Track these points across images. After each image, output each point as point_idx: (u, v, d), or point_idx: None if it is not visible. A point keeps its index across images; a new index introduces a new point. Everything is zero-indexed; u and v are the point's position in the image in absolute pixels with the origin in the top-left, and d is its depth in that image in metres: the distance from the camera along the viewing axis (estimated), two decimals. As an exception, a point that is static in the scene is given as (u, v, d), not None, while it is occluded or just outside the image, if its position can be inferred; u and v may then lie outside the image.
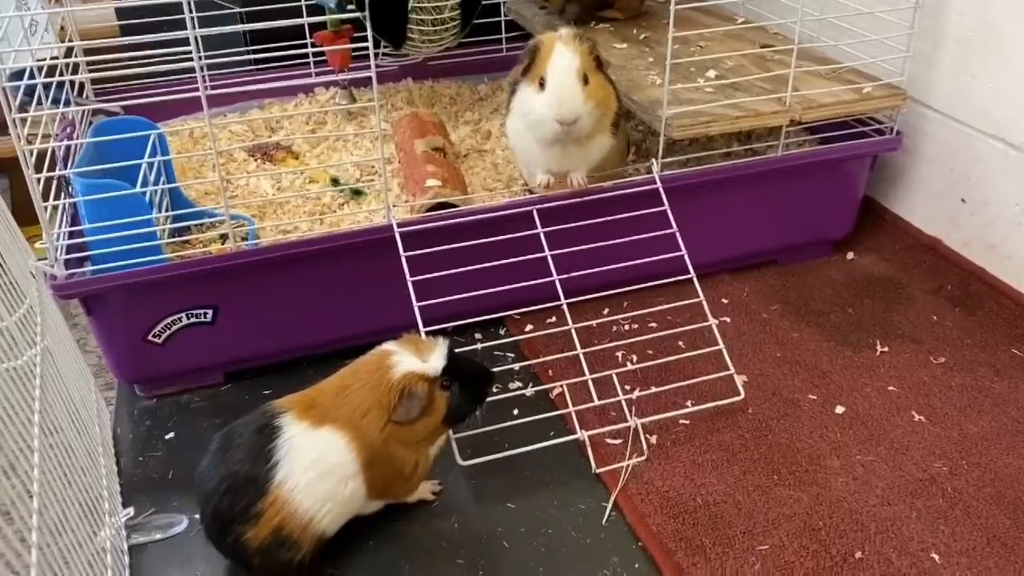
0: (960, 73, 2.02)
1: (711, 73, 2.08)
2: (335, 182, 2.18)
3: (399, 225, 1.76)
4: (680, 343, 1.88)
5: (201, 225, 2.00)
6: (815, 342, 1.91)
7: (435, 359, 1.37)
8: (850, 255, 2.20)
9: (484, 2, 2.35)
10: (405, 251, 1.72)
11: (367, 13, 1.68)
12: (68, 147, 1.80)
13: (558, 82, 1.71)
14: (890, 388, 1.76)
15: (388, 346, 1.42)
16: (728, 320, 1.98)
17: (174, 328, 1.74)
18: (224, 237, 1.88)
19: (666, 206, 1.85)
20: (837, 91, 1.97)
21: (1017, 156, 1.91)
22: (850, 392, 1.76)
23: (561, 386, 1.71)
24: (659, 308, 1.88)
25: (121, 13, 2.84)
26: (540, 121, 1.75)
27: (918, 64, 2.05)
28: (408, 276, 1.69)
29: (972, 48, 1.98)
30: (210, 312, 1.75)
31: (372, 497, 1.41)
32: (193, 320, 1.74)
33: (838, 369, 1.82)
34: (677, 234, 1.82)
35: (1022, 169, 1.90)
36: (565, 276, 1.75)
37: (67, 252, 1.65)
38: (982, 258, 2.04)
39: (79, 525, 1.25)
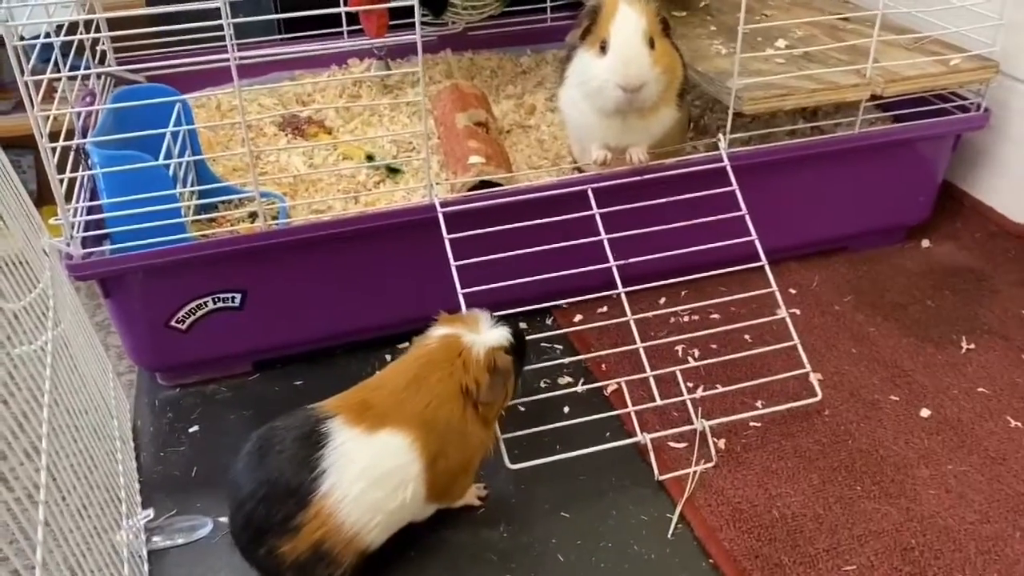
0: (1059, 44, 1.83)
1: (780, 43, 1.90)
2: (370, 159, 2.04)
3: (442, 205, 1.61)
4: (747, 337, 1.72)
5: (229, 203, 1.86)
6: (893, 337, 1.74)
7: (496, 329, 1.32)
8: (925, 243, 2.03)
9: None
10: (449, 233, 1.57)
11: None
12: (87, 116, 1.67)
13: (623, 44, 1.56)
14: (979, 389, 1.60)
15: (445, 330, 1.32)
16: (798, 312, 1.82)
17: (199, 313, 1.61)
18: (253, 216, 1.74)
19: (734, 186, 1.69)
20: (921, 63, 1.80)
21: (1126, 136, 1.73)
22: (935, 393, 1.60)
23: (618, 383, 1.56)
24: (722, 299, 1.73)
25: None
26: (601, 88, 1.59)
27: (1013, 34, 1.86)
28: (452, 260, 1.54)
29: (1072, 16, 1.79)
30: (238, 296, 1.61)
31: (431, 499, 1.30)
32: (220, 305, 1.61)
33: (920, 367, 1.66)
34: (747, 217, 1.66)
35: None
36: (622, 263, 1.59)
37: (84, 229, 1.52)
38: (1079, 248, 1.86)
39: (93, 529, 1.13)
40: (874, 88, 1.74)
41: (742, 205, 1.67)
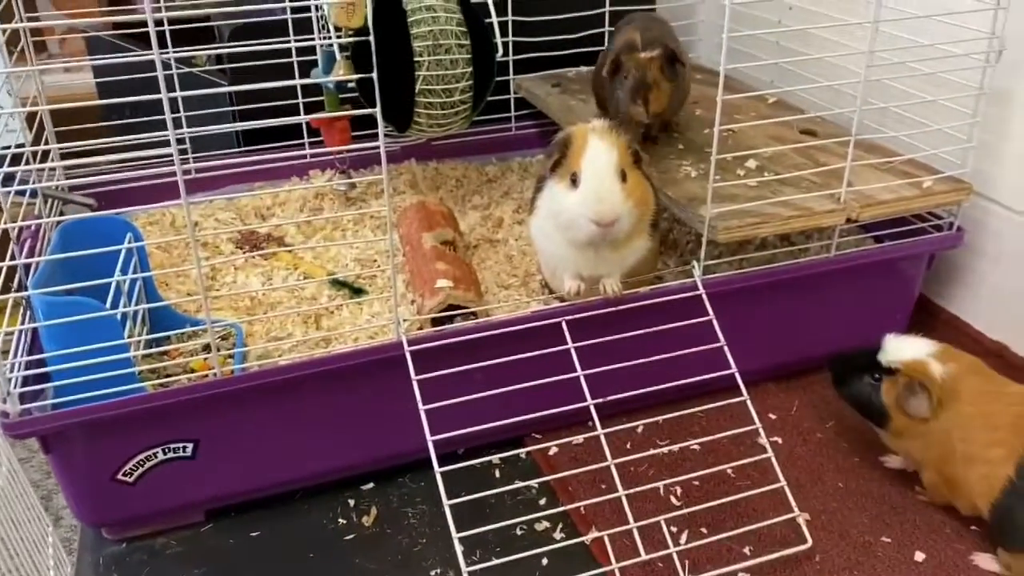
0: (1031, 165, 1.83)
1: (751, 163, 1.88)
2: (335, 281, 1.96)
3: (410, 343, 1.53)
4: (730, 472, 1.65)
5: (182, 333, 1.77)
6: (880, 468, 1.68)
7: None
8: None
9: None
10: (417, 374, 1.49)
11: (373, 96, 1.47)
12: (30, 254, 1.57)
13: (595, 178, 1.51)
14: (974, 528, 1.54)
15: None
16: (779, 441, 1.75)
17: (148, 465, 1.49)
18: (207, 347, 1.65)
19: (711, 315, 1.64)
20: (895, 186, 1.78)
21: (1102, 260, 1.71)
22: (928, 533, 1.53)
23: (602, 536, 1.46)
24: (704, 430, 1.66)
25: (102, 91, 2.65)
26: (574, 221, 1.54)
27: (983, 155, 1.86)
28: (421, 404, 1.46)
29: (1042, 138, 1.79)
30: (190, 446, 1.51)
31: None
32: (171, 455, 1.50)
33: (911, 504, 1.60)
34: (725, 348, 1.61)
35: (1108, 274, 1.71)
36: (600, 401, 1.52)
37: (23, 382, 1.41)
38: (1059, 369, 1.83)
39: None
40: (849, 213, 1.71)
41: (720, 336, 1.61)
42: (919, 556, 1.48)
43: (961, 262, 2.01)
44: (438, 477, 1.40)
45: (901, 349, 1.51)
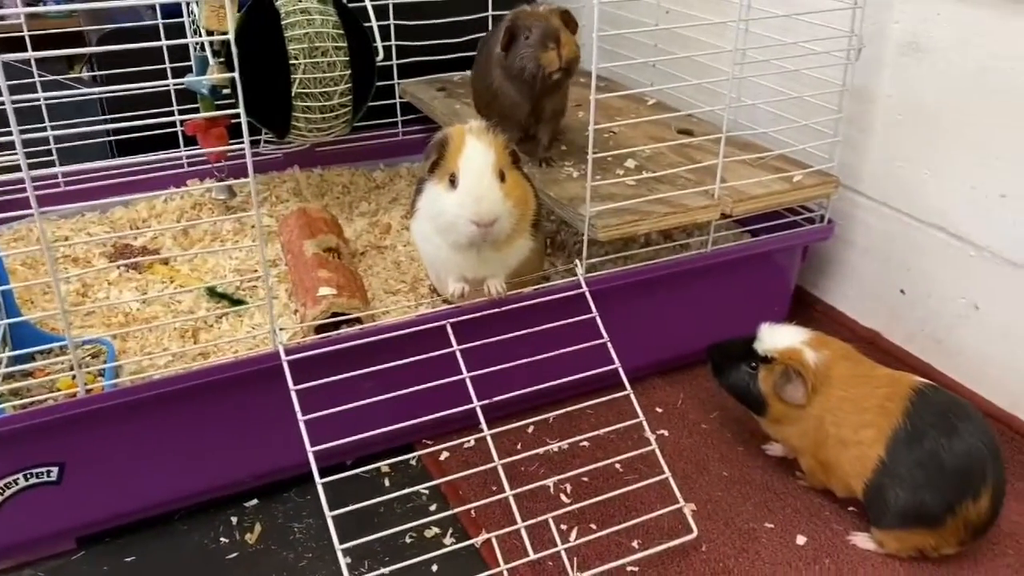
0: (893, 159, 1.91)
1: (630, 163, 1.91)
2: (212, 292, 1.89)
3: (288, 352, 1.49)
4: (618, 467, 1.66)
5: (48, 352, 1.67)
6: (763, 457, 1.72)
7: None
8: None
9: (378, 84, 2.13)
10: (295, 384, 1.45)
11: (243, 102, 1.43)
12: None
13: (473, 178, 1.50)
14: (852, 508, 1.59)
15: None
16: (666, 433, 1.78)
17: (8, 493, 1.40)
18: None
19: (594, 312, 1.65)
20: (767, 181, 1.83)
21: (961, 246, 1.80)
22: (808, 517, 1.58)
23: (490, 538, 1.45)
24: (592, 426, 1.66)
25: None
26: (453, 223, 1.53)
27: (849, 150, 1.94)
28: (300, 415, 1.41)
29: (904, 132, 1.88)
30: (55, 470, 1.42)
31: None
32: (34, 481, 1.41)
33: (792, 489, 1.64)
34: (609, 344, 1.62)
35: (967, 260, 1.79)
36: (486, 402, 1.51)
37: None
38: (928, 354, 1.91)
39: None
40: (723, 208, 1.75)
41: (603, 333, 1.62)
42: (800, 540, 1.52)
43: (833, 253, 2.09)
44: (319, 488, 1.36)
45: (775, 338, 1.56)
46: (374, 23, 2.04)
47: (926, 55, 1.79)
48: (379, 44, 2.08)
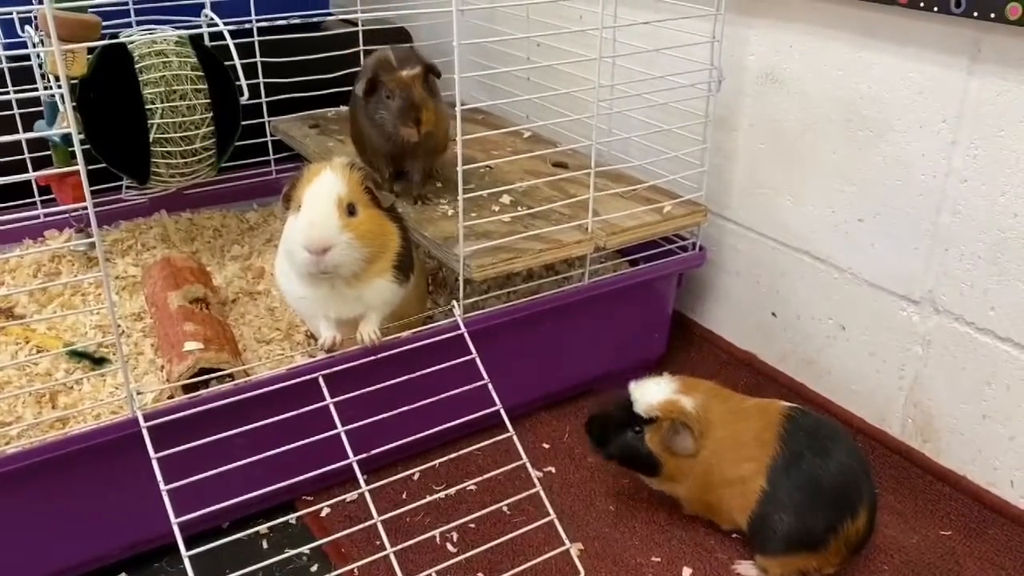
0: (758, 186, 1.96)
1: (505, 199, 1.90)
2: (72, 353, 1.78)
3: (148, 417, 1.41)
4: (506, 510, 1.64)
5: None
6: (647, 489, 1.72)
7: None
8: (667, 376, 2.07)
9: (244, 123, 2.06)
10: (157, 451, 1.37)
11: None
12: None
13: (310, 206, 1.49)
14: (735, 536, 1.61)
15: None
16: (553, 470, 1.77)
17: None
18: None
19: (474, 354, 1.62)
20: (639, 212, 1.85)
21: (825, 269, 1.86)
22: (694, 548, 1.59)
23: (372, 601, 1.40)
24: (479, 478, 1.63)
25: None
26: (291, 250, 1.53)
27: (716, 178, 1.99)
28: (162, 484, 1.33)
29: (766, 160, 1.93)
30: None
31: None
32: None
33: (677, 521, 1.65)
34: (490, 385, 1.60)
35: (831, 282, 1.85)
36: (364, 456, 1.46)
37: None
38: (801, 374, 1.97)
39: None
40: (597, 242, 1.76)
41: (483, 374, 1.60)
42: (687, 571, 1.53)
43: (708, 279, 2.13)
44: (186, 562, 1.28)
45: (648, 395, 1.54)
46: (237, 61, 1.97)
47: (782, 85, 1.85)
48: (244, 83, 2.01)
